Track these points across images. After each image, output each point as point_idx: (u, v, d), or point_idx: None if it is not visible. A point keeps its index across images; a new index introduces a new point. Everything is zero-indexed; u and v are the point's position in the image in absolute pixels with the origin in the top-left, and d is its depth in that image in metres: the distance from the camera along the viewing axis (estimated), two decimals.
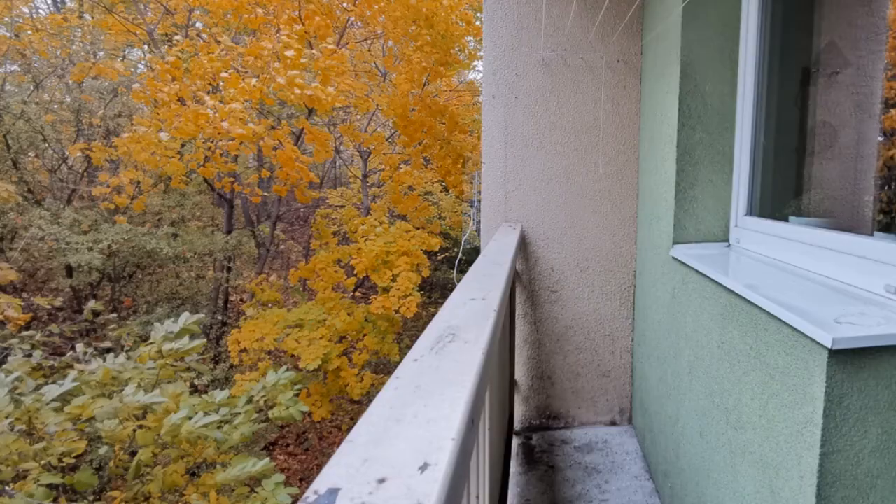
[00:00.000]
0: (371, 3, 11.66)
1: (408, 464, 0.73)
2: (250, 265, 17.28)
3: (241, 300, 16.35)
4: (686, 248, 2.93)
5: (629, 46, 3.81)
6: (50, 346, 10.73)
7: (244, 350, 10.39)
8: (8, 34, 13.99)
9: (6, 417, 4.33)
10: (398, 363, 1.15)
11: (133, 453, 5.26)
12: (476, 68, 17.08)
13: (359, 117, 17.42)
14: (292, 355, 10.26)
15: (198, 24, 14.28)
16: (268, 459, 4.99)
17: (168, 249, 14.17)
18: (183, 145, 11.34)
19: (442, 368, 1.09)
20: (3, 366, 5.71)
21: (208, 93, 10.02)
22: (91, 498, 6.96)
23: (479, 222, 4.00)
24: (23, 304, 9.33)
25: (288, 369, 5.80)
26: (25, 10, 15.50)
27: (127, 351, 5.69)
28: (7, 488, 4.47)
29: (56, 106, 16.13)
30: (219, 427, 5.17)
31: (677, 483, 2.93)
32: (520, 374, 4.12)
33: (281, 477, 5.27)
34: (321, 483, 0.69)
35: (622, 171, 3.92)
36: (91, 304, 8.21)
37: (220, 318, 14.83)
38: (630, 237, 3.98)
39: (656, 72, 3.39)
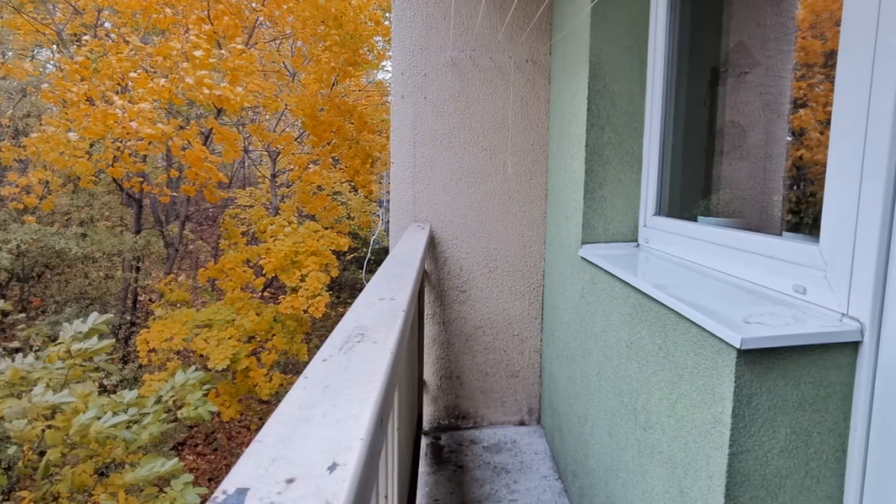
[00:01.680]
0: (280, 2, 11.60)
1: (317, 464, 0.73)
2: (159, 265, 16.88)
3: (150, 300, 16.09)
4: (595, 248, 2.92)
5: (538, 46, 3.81)
6: None
7: (153, 350, 10.33)
8: None
9: None
10: (307, 363, 1.12)
11: (42, 453, 5.29)
12: (385, 68, 17.05)
13: (268, 117, 17.20)
14: (201, 355, 10.20)
15: (107, 24, 13.92)
16: (176, 459, 5.04)
17: (77, 249, 13.91)
18: (92, 145, 11.14)
19: (351, 368, 1.08)
20: None
21: (117, 93, 9.85)
22: (0, 498, 6.93)
23: (387, 222, 3.95)
24: None
25: (197, 369, 5.82)
26: None
27: (36, 351, 5.65)
28: None
29: None
30: (128, 427, 5.20)
31: (586, 483, 2.93)
32: (429, 374, 4.08)
33: (190, 477, 5.32)
34: (230, 483, 0.67)
35: (531, 170, 3.92)
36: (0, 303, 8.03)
37: (128, 318, 14.68)
38: (539, 237, 3.98)
39: (565, 72, 3.39)
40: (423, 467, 3.67)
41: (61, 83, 9.38)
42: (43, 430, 4.96)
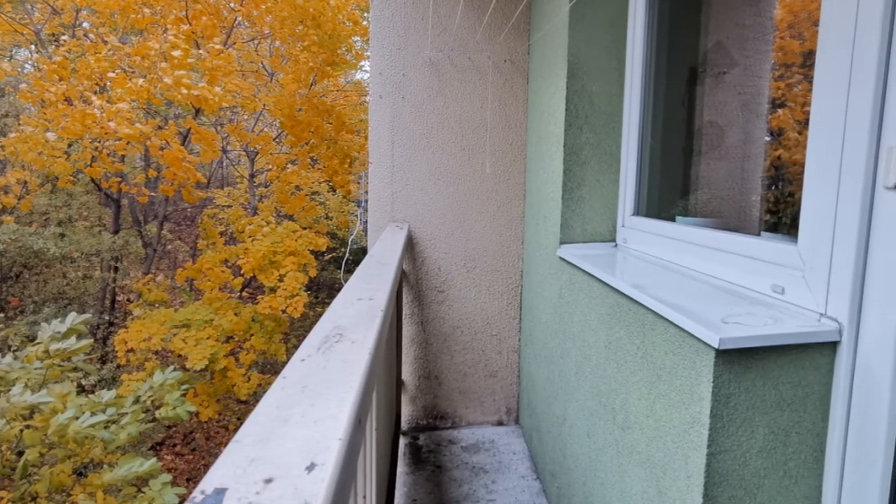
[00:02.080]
0: (258, 2, 11.64)
1: (295, 464, 0.73)
2: (137, 265, 16.80)
3: (129, 300, 16.01)
4: (573, 248, 2.91)
5: (516, 46, 3.81)
6: None
7: (131, 350, 10.33)
8: None
9: None
10: (285, 363, 1.12)
11: (20, 453, 5.26)
12: (363, 68, 17.01)
13: (246, 117, 17.14)
14: (179, 355, 10.19)
15: (85, 24, 13.87)
16: (155, 459, 5.08)
17: (55, 249, 13.91)
18: (70, 145, 11.12)
19: (329, 368, 1.08)
20: None
21: (95, 93, 9.86)
22: None
23: (366, 222, 3.94)
24: None
25: (175, 369, 5.84)
26: None
27: (14, 351, 5.69)
28: None
29: None
30: (106, 427, 5.20)
31: (564, 483, 2.92)
32: (407, 374, 4.07)
33: (168, 477, 5.34)
34: (208, 483, 0.67)
35: (509, 170, 3.91)
36: None
37: (107, 318, 14.65)
38: (517, 237, 3.98)
39: (543, 72, 3.38)
40: (401, 467, 3.66)
41: (39, 83, 9.37)
42: (21, 430, 4.95)
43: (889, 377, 1.34)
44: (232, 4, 12.41)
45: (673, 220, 2.54)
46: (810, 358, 1.48)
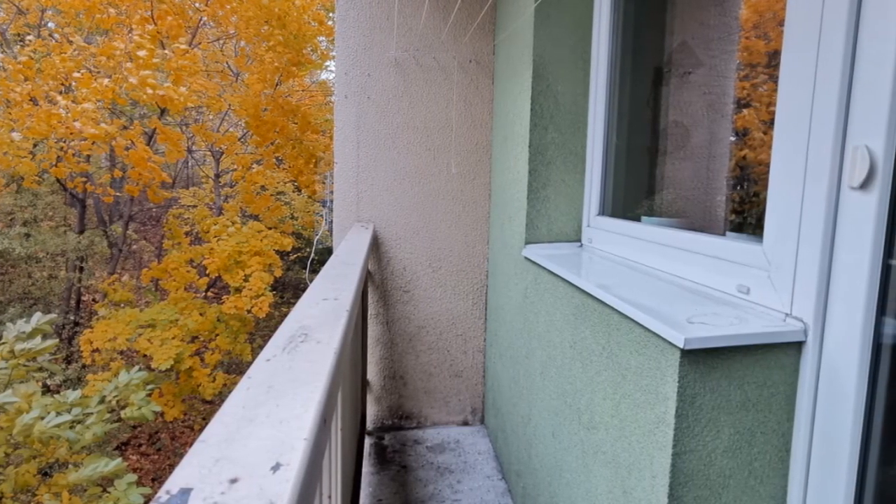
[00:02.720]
0: (223, 2, 11.64)
1: (260, 464, 0.72)
2: (103, 265, 16.61)
3: (94, 300, 15.87)
4: (538, 248, 2.89)
5: (482, 46, 3.79)
6: None
7: (97, 350, 10.29)
8: None
9: None
10: (251, 363, 1.13)
11: None
12: (328, 68, 16.95)
13: (211, 117, 17.03)
14: (145, 355, 10.17)
15: (50, 24, 13.75)
16: (120, 459, 5.06)
17: (20, 249, 13.87)
18: (35, 145, 11.07)
19: (294, 368, 1.08)
20: None
21: (61, 93, 9.81)
22: None
23: (331, 222, 3.91)
24: None
25: (140, 369, 5.83)
26: None
27: None
28: None
29: None
30: (71, 427, 5.21)
31: (530, 483, 2.90)
32: (372, 374, 4.04)
33: (133, 477, 5.36)
34: (173, 483, 0.67)
35: (475, 170, 3.90)
36: None
37: (72, 317, 14.56)
38: (482, 237, 3.96)
39: (509, 72, 3.36)
40: (366, 467, 3.64)
41: (4, 83, 9.28)
42: None
43: (854, 377, 1.33)
44: (197, 4, 12.37)
45: (638, 220, 2.53)
46: (775, 358, 1.47)
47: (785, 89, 1.50)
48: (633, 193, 2.90)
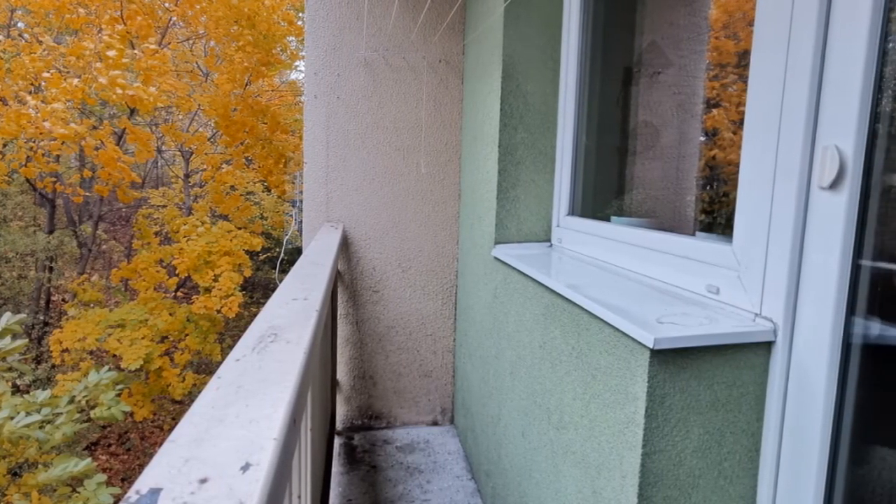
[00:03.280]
0: (193, 2, 11.62)
1: (230, 464, 0.72)
2: (72, 265, 16.41)
3: (64, 300, 15.78)
4: (508, 248, 2.87)
5: (451, 46, 3.78)
6: None
7: (66, 350, 10.26)
8: None
9: None
10: (220, 363, 1.13)
11: None
12: (298, 68, 16.85)
13: (181, 117, 16.89)
14: (114, 355, 10.11)
15: (20, 24, 13.54)
16: (90, 459, 5.01)
17: None
18: (4, 145, 11.02)
19: (264, 368, 1.08)
20: None
21: (30, 93, 9.74)
22: None
23: (301, 222, 3.90)
24: None
25: (110, 369, 5.79)
26: None
27: None
28: None
29: None
30: (41, 427, 5.20)
31: (499, 483, 2.88)
32: (342, 374, 4.01)
33: (103, 477, 5.35)
34: (143, 483, 0.66)
35: (444, 170, 3.88)
36: None
37: (42, 317, 14.44)
38: (452, 237, 3.94)
39: (478, 71, 3.34)
40: (336, 467, 3.62)
41: None
42: None
43: (823, 377, 1.32)
44: (167, 4, 12.31)
45: (608, 220, 2.52)
46: (745, 358, 1.46)
47: (754, 89, 1.49)
48: (603, 193, 2.89)
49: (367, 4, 3.68)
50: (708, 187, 2.76)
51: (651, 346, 1.39)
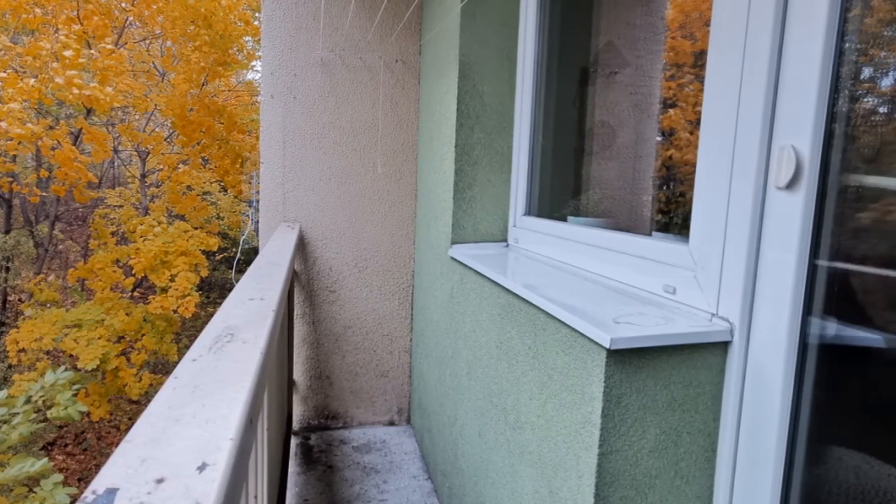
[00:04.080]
0: (149, 2, 11.44)
1: (186, 464, 0.71)
2: (29, 265, 16.03)
3: (20, 300, 15.32)
4: (464, 248, 2.84)
5: (408, 46, 3.75)
6: None
7: (23, 350, 10.04)
8: None
9: None
10: (177, 363, 1.11)
11: None
12: (255, 68, 16.64)
13: (137, 117, 16.53)
14: (71, 355, 10.00)
15: None
16: (46, 459, 4.89)
17: None
18: None
19: (220, 368, 1.07)
20: None
21: None
22: None
23: (257, 222, 3.85)
24: None
25: (66, 369, 5.67)
26: None
27: None
28: None
29: None
30: None
31: (456, 483, 2.84)
32: (298, 374, 3.96)
33: (59, 477, 5.27)
34: (99, 483, 0.66)
35: (401, 170, 3.85)
36: None
37: None
38: (409, 237, 3.91)
39: (435, 71, 3.31)
40: (292, 467, 3.58)
41: None
42: None
43: (780, 376, 1.31)
44: (123, 5, 12.11)
45: (564, 220, 2.50)
46: (702, 358, 1.44)
47: (711, 89, 1.48)
48: (560, 193, 2.88)
49: (324, 4, 3.64)
50: (664, 187, 2.77)
51: (608, 346, 1.37)
